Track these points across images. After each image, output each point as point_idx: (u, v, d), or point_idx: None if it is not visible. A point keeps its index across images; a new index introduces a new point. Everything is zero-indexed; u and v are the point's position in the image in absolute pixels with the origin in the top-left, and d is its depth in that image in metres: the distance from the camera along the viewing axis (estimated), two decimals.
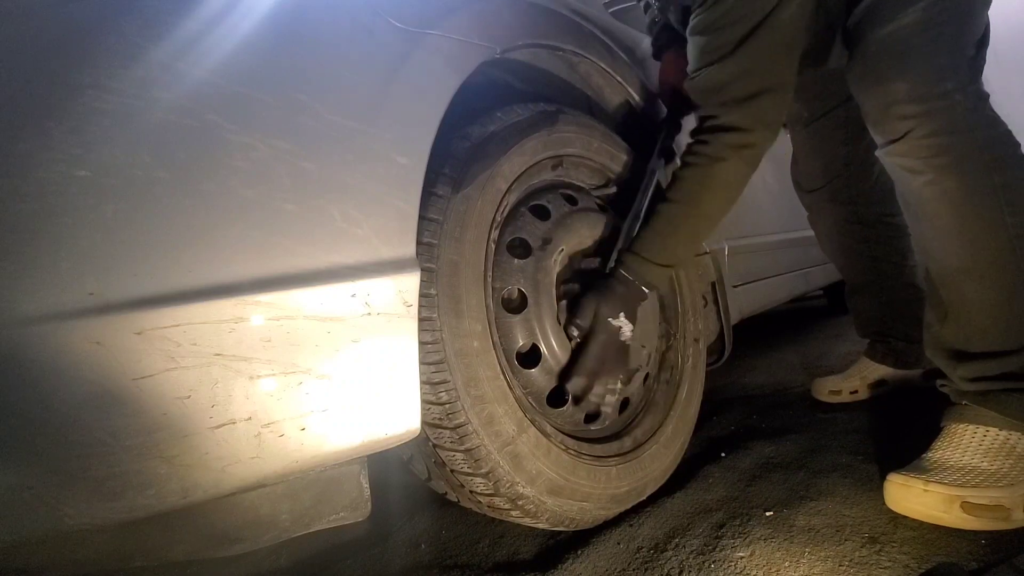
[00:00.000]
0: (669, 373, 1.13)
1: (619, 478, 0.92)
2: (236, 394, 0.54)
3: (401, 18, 0.72)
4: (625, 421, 1.04)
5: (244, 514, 0.62)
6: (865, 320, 1.40)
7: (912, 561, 0.69)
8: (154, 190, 0.52)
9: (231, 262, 0.55)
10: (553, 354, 0.89)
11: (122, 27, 0.53)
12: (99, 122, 0.50)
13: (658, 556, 0.80)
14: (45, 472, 0.49)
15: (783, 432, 1.20)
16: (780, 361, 2.03)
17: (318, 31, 0.65)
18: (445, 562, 0.91)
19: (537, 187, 1.00)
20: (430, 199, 0.77)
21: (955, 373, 0.86)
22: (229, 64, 0.57)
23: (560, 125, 0.99)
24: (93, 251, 0.49)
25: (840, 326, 2.65)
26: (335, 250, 0.61)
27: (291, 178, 0.59)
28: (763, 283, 1.62)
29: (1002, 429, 0.80)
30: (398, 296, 0.65)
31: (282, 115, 0.60)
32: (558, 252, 0.94)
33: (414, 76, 0.72)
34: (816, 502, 0.86)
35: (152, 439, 0.51)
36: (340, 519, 0.68)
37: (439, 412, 0.75)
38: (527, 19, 0.95)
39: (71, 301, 0.48)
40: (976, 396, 0.84)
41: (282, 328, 0.57)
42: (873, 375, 1.36)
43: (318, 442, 0.59)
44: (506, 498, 0.80)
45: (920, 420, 1.13)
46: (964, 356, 0.84)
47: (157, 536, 0.59)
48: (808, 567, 0.71)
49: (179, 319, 0.51)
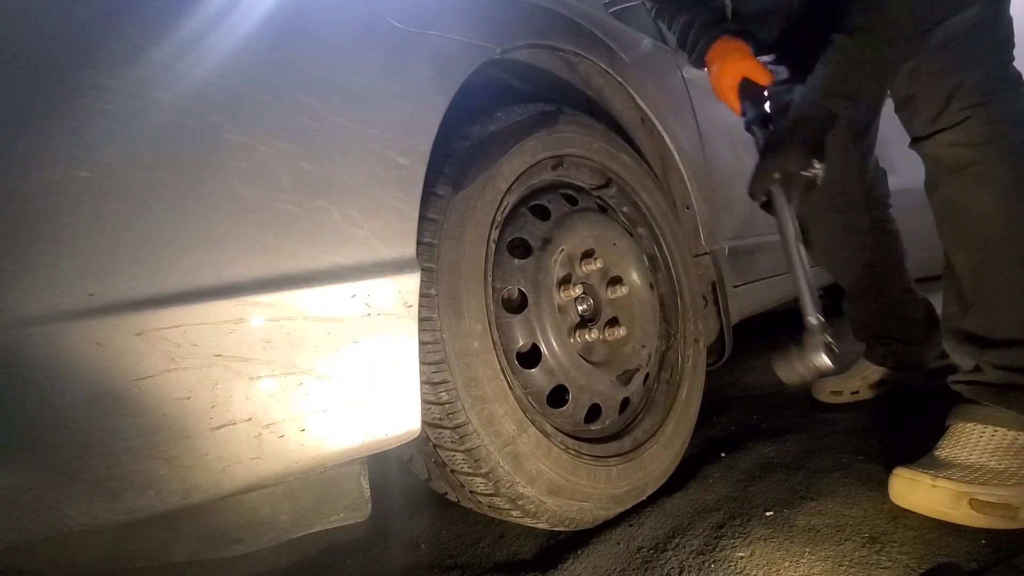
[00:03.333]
0: (669, 373, 1.13)
1: (619, 478, 0.92)
2: (236, 395, 0.54)
3: (401, 18, 0.72)
4: (625, 421, 1.04)
5: (244, 515, 0.62)
6: (863, 325, 1.40)
7: (912, 561, 0.69)
8: (154, 191, 0.52)
9: (231, 263, 0.55)
10: (553, 354, 0.89)
11: (123, 27, 0.53)
12: (100, 122, 0.50)
13: (658, 556, 0.81)
14: (45, 473, 0.49)
15: (783, 432, 1.20)
16: None
17: (318, 32, 0.65)
18: (445, 562, 0.91)
19: (537, 187, 1.00)
20: (430, 199, 0.77)
21: (982, 358, 0.86)
22: (229, 64, 0.57)
23: (560, 125, 0.99)
24: (93, 252, 0.49)
25: (840, 326, 2.64)
26: (335, 251, 0.61)
27: (291, 179, 0.59)
28: (763, 283, 1.62)
29: (1010, 429, 0.81)
30: (398, 296, 0.65)
31: (282, 116, 0.60)
32: (558, 252, 0.94)
33: (414, 76, 0.72)
34: (816, 502, 0.86)
35: (152, 440, 0.51)
36: (340, 520, 0.68)
37: (439, 412, 0.75)
38: (527, 19, 0.95)
39: (71, 302, 0.48)
40: (996, 393, 0.84)
41: (282, 329, 0.57)
42: (874, 375, 1.36)
43: (318, 443, 0.59)
44: (506, 498, 0.80)
45: (920, 420, 1.13)
46: (990, 343, 0.85)
47: (158, 537, 0.59)
48: (808, 567, 0.71)
49: (179, 320, 0.51)
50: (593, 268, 0.99)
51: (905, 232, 1.38)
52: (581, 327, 0.96)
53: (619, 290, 1.01)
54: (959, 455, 0.81)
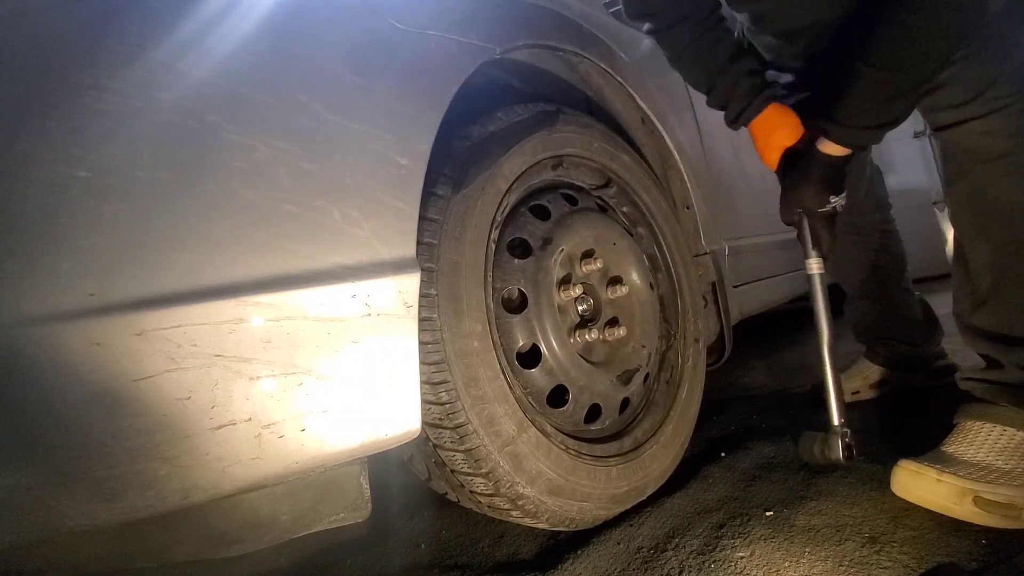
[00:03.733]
0: (669, 373, 1.13)
1: (619, 478, 0.92)
2: (236, 395, 0.54)
3: (401, 19, 0.72)
4: (625, 421, 1.04)
5: (244, 515, 0.62)
6: (865, 327, 1.40)
7: (912, 561, 0.69)
8: (155, 191, 0.52)
9: (231, 263, 0.55)
10: (553, 354, 0.89)
11: (123, 27, 0.53)
12: (100, 123, 0.50)
13: (658, 556, 0.81)
14: (45, 473, 0.49)
15: (783, 432, 1.20)
16: (780, 361, 2.03)
17: (318, 32, 0.65)
18: (445, 562, 0.91)
19: (537, 187, 1.00)
20: (430, 199, 0.77)
21: (1008, 358, 0.85)
22: (229, 65, 0.57)
23: (560, 125, 0.99)
24: (93, 252, 0.49)
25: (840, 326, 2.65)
26: (335, 251, 0.61)
27: (291, 179, 0.59)
28: (763, 283, 1.62)
29: (1019, 430, 0.80)
30: (398, 297, 0.65)
31: (282, 116, 0.60)
32: (558, 252, 0.94)
33: (414, 77, 0.72)
34: (816, 502, 0.86)
35: (152, 440, 0.51)
36: (340, 520, 0.68)
37: (439, 412, 0.75)
38: (527, 19, 0.95)
39: (71, 302, 0.48)
40: (1012, 393, 0.83)
41: (282, 329, 0.57)
42: (875, 375, 1.36)
43: (318, 443, 0.59)
44: (506, 498, 0.80)
45: (920, 420, 1.13)
46: (1013, 341, 0.84)
47: (158, 537, 0.59)
48: (808, 567, 0.71)
49: (179, 320, 0.51)
50: (593, 268, 0.99)
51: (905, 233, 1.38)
52: (581, 327, 0.96)
53: (619, 290, 1.01)
54: (966, 452, 0.81)
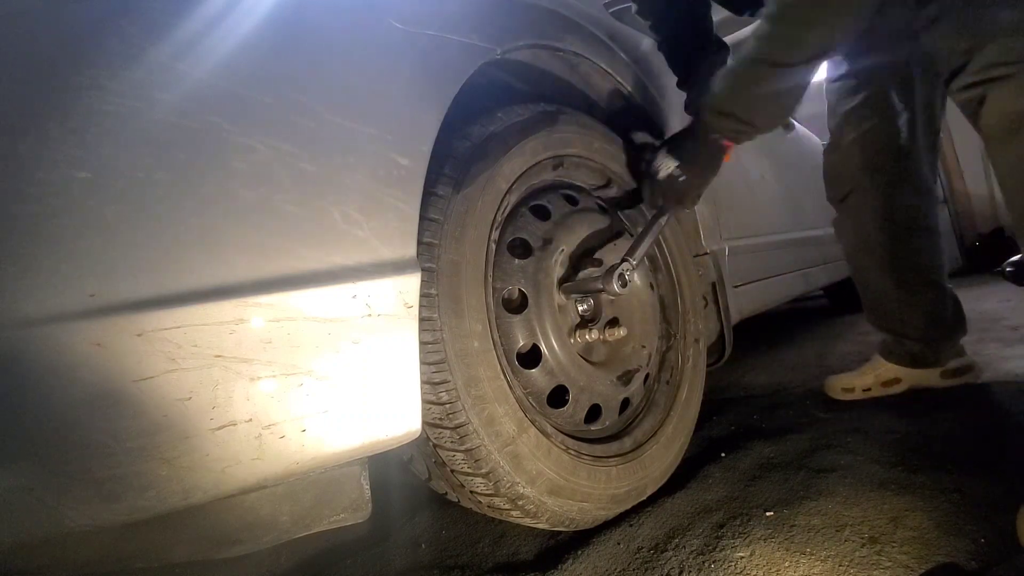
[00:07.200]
0: (669, 373, 1.13)
1: (619, 478, 0.92)
2: (237, 396, 0.54)
3: (402, 19, 0.72)
4: (625, 421, 1.04)
5: (245, 515, 0.62)
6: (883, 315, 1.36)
7: (912, 561, 0.69)
8: (155, 191, 0.52)
9: (232, 264, 0.55)
10: (554, 354, 0.89)
11: (123, 27, 0.53)
12: (100, 123, 0.50)
13: (658, 556, 0.81)
14: (46, 473, 0.49)
15: (783, 432, 1.20)
16: (780, 361, 2.03)
17: (319, 32, 0.65)
18: (445, 562, 0.91)
19: (538, 187, 1.00)
20: (431, 199, 0.77)
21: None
22: (230, 65, 0.57)
23: (560, 125, 0.99)
24: (94, 252, 0.49)
25: (840, 326, 2.66)
26: (336, 251, 0.61)
27: (292, 179, 0.59)
28: (763, 283, 1.62)
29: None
30: (399, 297, 0.65)
31: (283, 116, 0.60)
32: (558, 252, 0.94)
33: (415, 77, 0.72)
34: (816, 502, 0.86)
35: (153, 441, 0.51)
36: (341, 520, 0.68)
37: (439, 412, 0.75)
38: (527, 20, 0.95)
39: (72, 302, 0.48)
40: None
41: (283, 329, 0.57)
42: (887, 373, 1.35)
43: (319, 443, 0.59)
44: (506, 498, 0.80)
45: (921, 420, 1.13)
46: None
47: (158, 537, 0.59)
48: (808, 567, 0.71)
49: (180, 321, 0.51)
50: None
51: None
52: (581, 327, 0.96)
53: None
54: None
